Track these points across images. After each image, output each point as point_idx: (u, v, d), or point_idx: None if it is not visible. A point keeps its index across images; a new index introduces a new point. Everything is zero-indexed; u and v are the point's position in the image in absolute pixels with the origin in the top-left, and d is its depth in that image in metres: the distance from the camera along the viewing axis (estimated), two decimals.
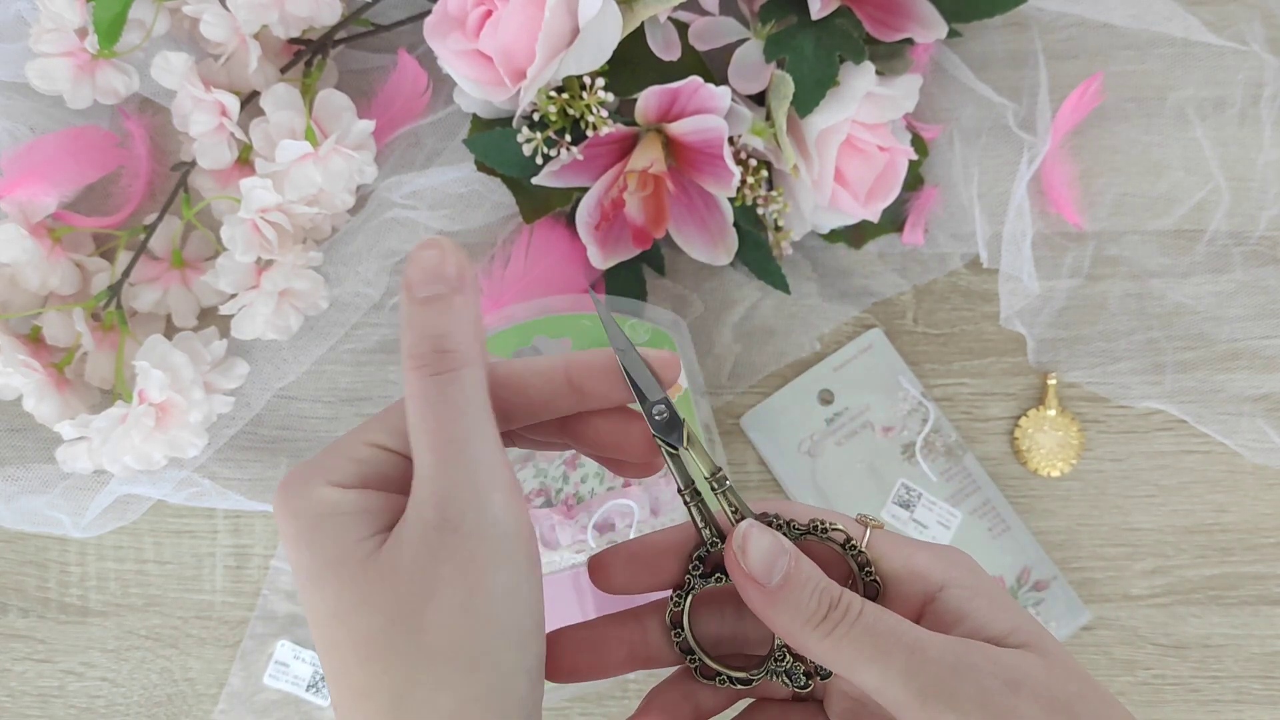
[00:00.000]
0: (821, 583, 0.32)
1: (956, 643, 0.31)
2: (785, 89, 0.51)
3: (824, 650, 0.31)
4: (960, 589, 0.33)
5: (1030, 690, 0.30)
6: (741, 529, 0.33)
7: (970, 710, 0.30)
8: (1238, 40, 0.59)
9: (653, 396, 0.34)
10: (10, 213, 0.52)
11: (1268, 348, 0.57)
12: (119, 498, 0.54)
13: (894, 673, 0.30)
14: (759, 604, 0.32)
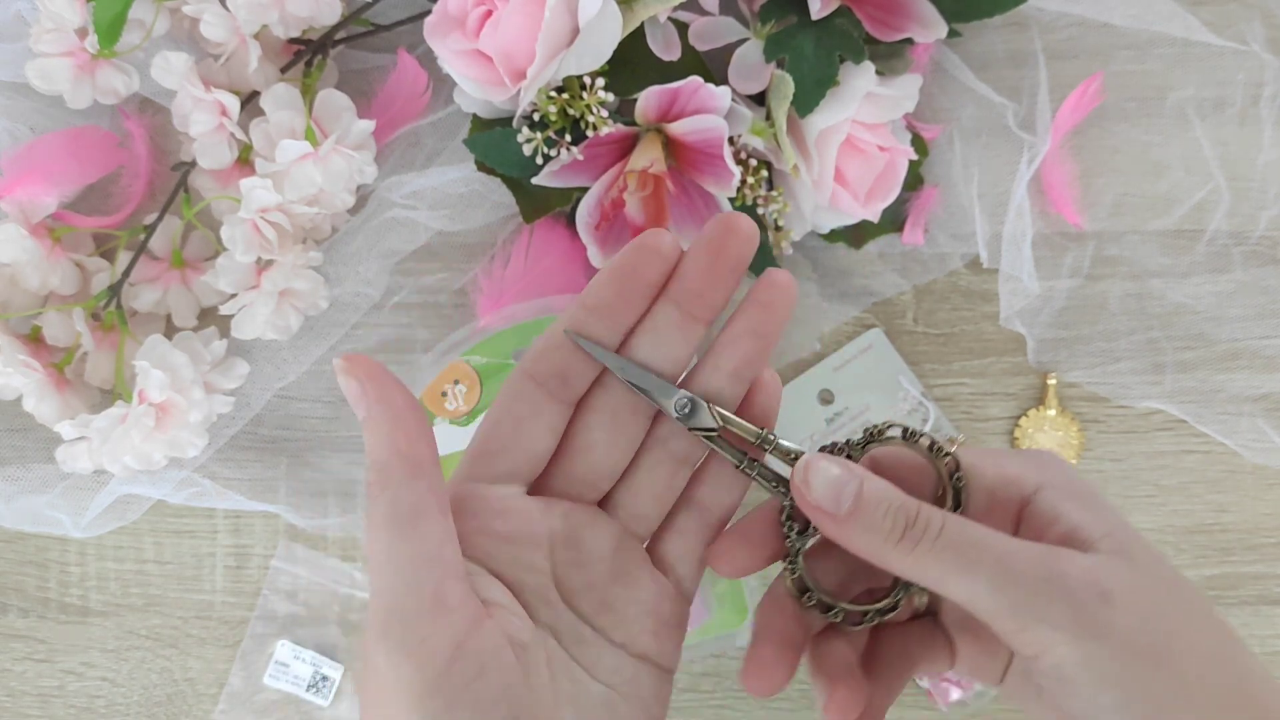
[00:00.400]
0: (895, 501, 0.31)
1: (1046, 552, 0.30)
2: (785, 89, 0.51)
3: (908, 566, 0.31)
4: (1055, 490, 0.32)
5: (1123, 601, 0.30)
6: (801, 463, 0.32)
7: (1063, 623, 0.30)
8: (1238, 40, 0.59)
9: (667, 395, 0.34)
10: (10, 213, 0.52)
11: (1268, 348, 0.57)
12: (119, 498, 0.54)
13: (982, 586, 0.30)
14: (834, 533, 0.32)
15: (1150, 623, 0.30)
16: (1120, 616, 0.30)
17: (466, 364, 0.54)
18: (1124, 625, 0.30)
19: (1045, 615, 0.30)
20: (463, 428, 0.54)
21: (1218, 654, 0.31)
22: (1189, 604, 0.31)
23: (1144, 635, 0.30)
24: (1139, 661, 0.30)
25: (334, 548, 0.56)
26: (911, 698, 0.55)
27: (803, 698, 0.55)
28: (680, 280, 0.34)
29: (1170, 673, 0.30)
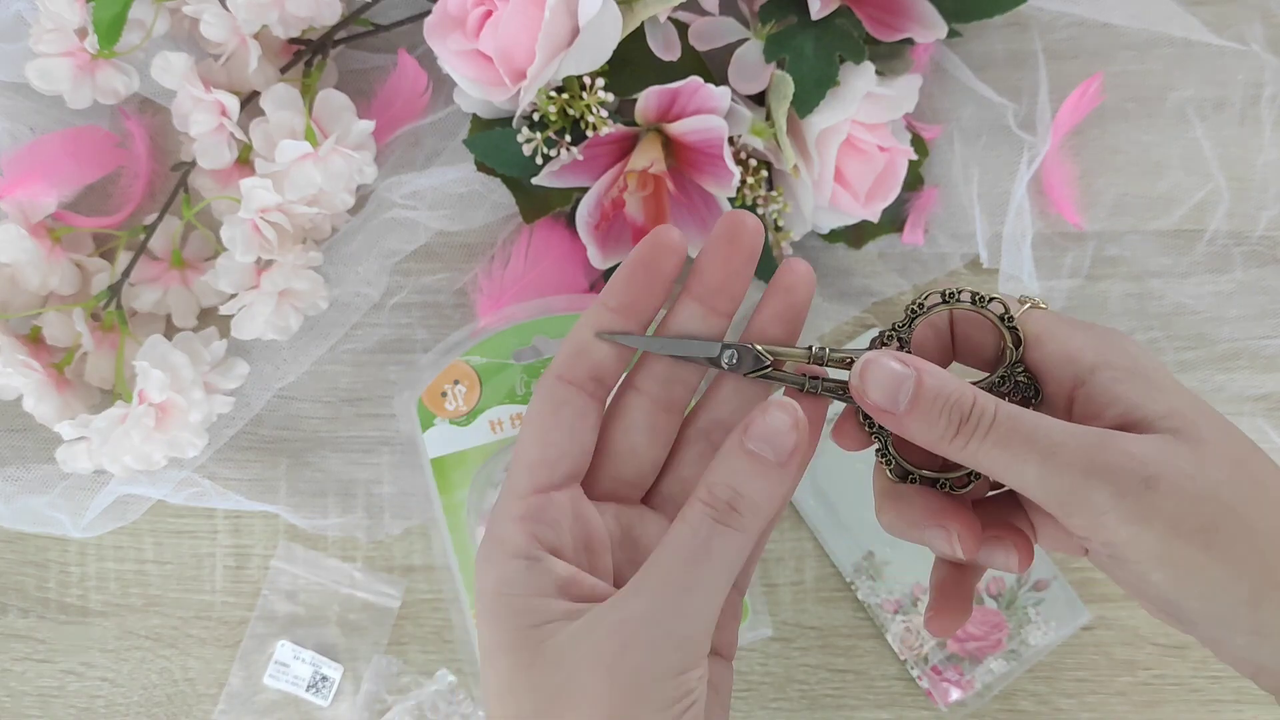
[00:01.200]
0: (951, 397, 0.32)
1: (1094, 440, 0.31)
2: (785, 89, 0.51)
3: (965, 458, 0.32)
4: (1113, 371, 0.33)
5: (1170, 483, 0.30)
6: (856, 367, 0.33)
7: (1109, 510, 0.30)
8: (1238, 40, 0.59)
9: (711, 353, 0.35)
10: (10, 213, 0.52)
11: (1268, 348, 0.57)
12: (119, 498, 0.54)
13: (1030, 477, 0.31)
14: (895, 427, 0.33)
15: (1201, 505, 0.30)
16: (1166, 501, 0.30)
17: (466, 364, 0.54)
18: (1170, 509, 0.30)
19: (1090, 502, 0.30)
20: (462, 428, 0.54)
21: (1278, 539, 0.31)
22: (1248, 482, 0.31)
23: (1193, 517, 0.30)
24: (1187, 543, 0.30)
25: (334, 548, 0.56)
26: (911, 698, 0.55)
27: (803, 698, 0.55)
28: (699, 276, 0.36)
29: (1223, 552, 0.30)
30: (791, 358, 0.36)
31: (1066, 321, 0.34)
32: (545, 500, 0.33)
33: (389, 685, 0.55)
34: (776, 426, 0.32)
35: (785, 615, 0.56)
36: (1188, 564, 0.31)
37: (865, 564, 0.55)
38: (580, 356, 0.34)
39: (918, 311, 0.36)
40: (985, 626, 0.54)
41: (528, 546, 0.32)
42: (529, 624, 0.31)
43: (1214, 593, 0.31)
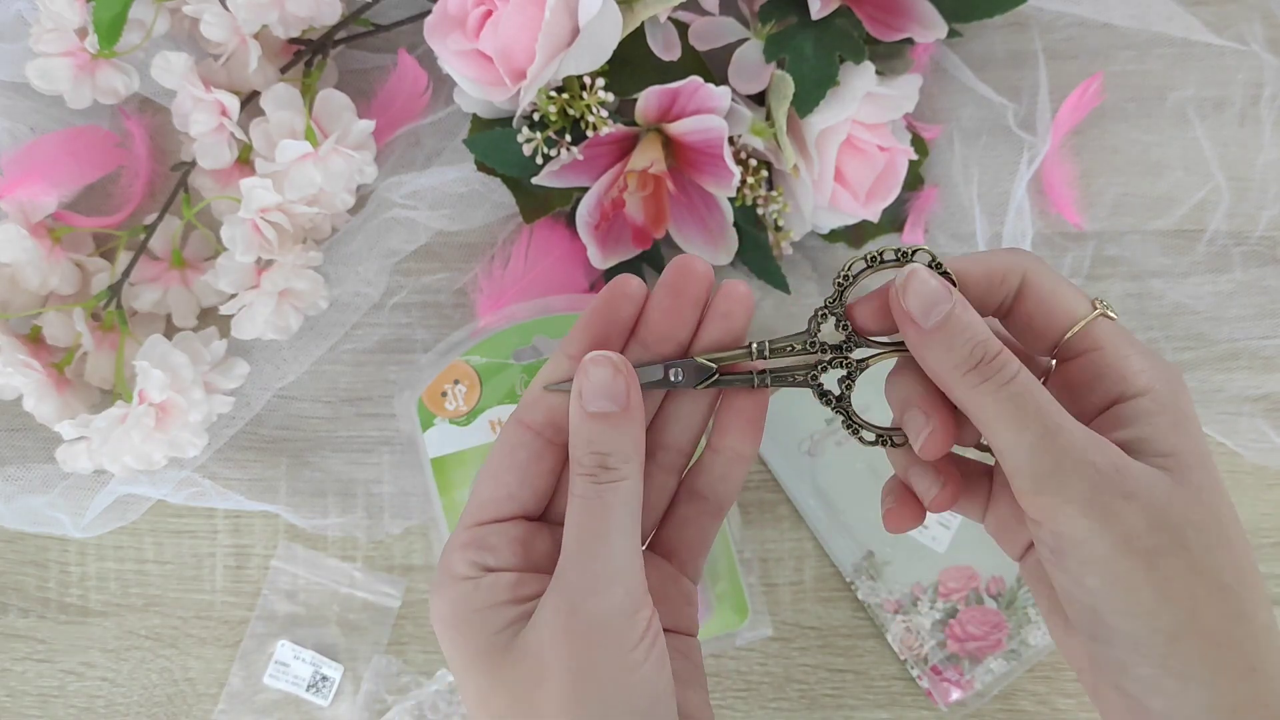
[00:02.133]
0: (980, 335, 0.33)
1: (1096, 440, 0.32)
2: (785, 89, 0.51)
3: (967, 399, 0.33)
4: (1151, 402, 0.33)
5: (1144, 502, 0.31)
6: (909, 268, 0.34)
7: (1077, 500, 0.31)
8: (1238, 40, 0.59)
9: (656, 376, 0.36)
10: (10, 213, 0.52)
11: (1267, 348, 0.57)
12: (119, 498, 0.54)
13: (1023, 443, 0.32)
14: (914, 341, 0.34)
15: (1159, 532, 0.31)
16: (1131, 515, 0.31)
17: (466, 364, 0.54)
18: (1131, 522, 0.31)
19: (1063, 486, 0.31)
20: (462, 428, 0.54)
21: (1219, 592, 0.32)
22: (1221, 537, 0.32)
23: (1148, 538, 0.31)
24: (1134, 559, 0.31)
25: (334, 548, 0.56)
26: (911, 698, 0.55)
27: (802, 698, 0.55)
28: (646, 323, 0.37)
29: (1163, 580, 0.31)
30: (734, 359, 0.36)
31: (1130, 339, 0.35)
32: (486, 530, 0.35)
33: (389, 685, 0.55)
34: (603, 379, 0.34)
35: (785, 615, 0.56)
36: (1126, 578, 0.31)
37: (865, 564, 0.55)
38: (539, 402, 0.36)
39: (845, 282, 0.36)
40: (985, 626, 0.54)
41: (469, 569, 0.34)
42: (489, 633, 0.33)
43: (1139, 613, 0.31)
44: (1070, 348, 0.35)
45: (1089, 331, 0.34)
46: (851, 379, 0.36)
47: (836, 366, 0.36)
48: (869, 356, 0.36)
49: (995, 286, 0.35)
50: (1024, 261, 0.35)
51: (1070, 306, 0.35)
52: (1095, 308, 0.35)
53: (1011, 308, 0.35)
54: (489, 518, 0.35)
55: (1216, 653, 0.31)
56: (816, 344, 0.36)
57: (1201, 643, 0.31)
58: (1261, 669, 0.32)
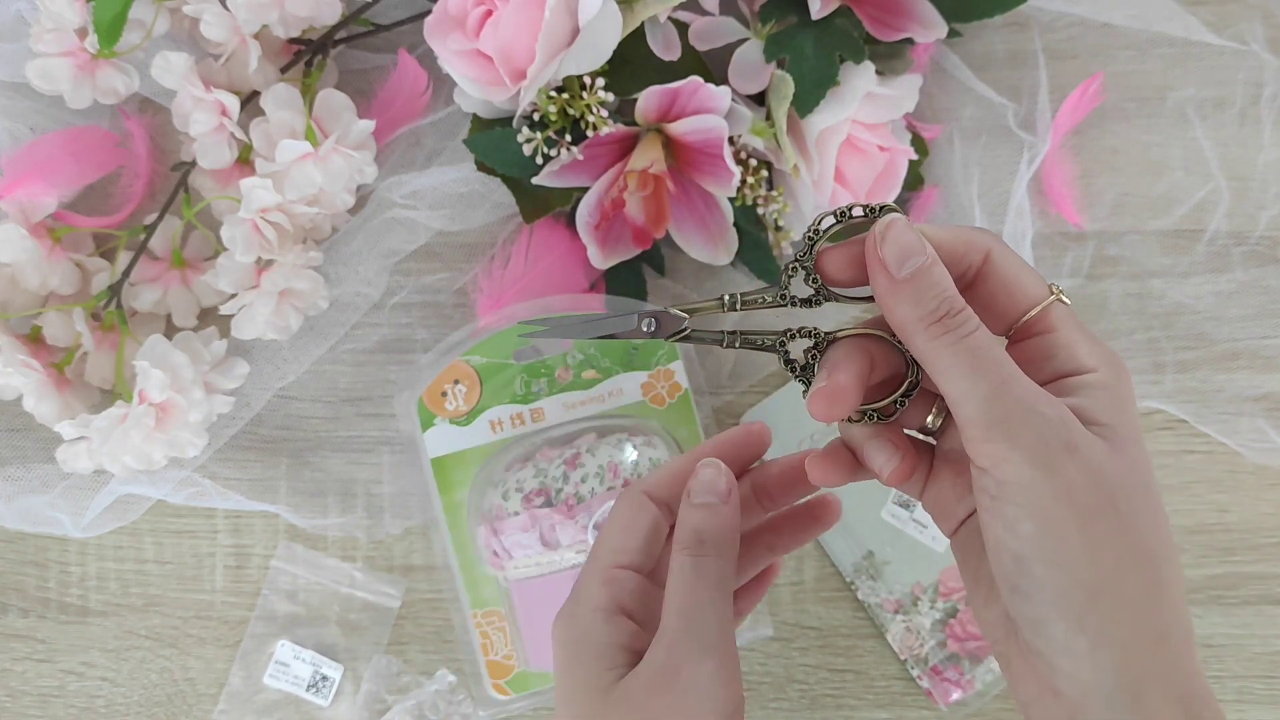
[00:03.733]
0: (948, 290, 0.34)
1: (1046, 395, 0.33)
2: (785, 89, 0.51)
3: (926, 349, 0.34)
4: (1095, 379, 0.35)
5: (1085, 458, 0.33)
6: (887, 219, 0.35)
7: (1024, 448, 0.32)
8: (1238, 40, 0.59)
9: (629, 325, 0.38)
10: (10, 213, 0.52)
11: (1268, 348, 0.57)
12: (119, 498, 0.54)
13: (978, 393, 0.33)
14: (883, 290, 0.35)
15: (1097, 491, 0.32)
16: (1073, 469, 0.32)
17: (466, 364, 0.54)
18: (1072, 476, 0.32)
19: (1013, 437, 0.32)
20: (462, 428, 0.54)
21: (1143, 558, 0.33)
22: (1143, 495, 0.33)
23: (1086, 495, 0.32)
24: (1070, 511, 0.32)
25: (334, 548, 0.56)
26: (911, 698, 0.55)
27: (802, 698, 0.55)
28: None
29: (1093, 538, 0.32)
30: (705, 310, 0.38)
31: (1081, 325, 0.36)
32: (622, 573, 0.40)
33: (389, 685, 0.55)
34: (708, 479, 0.40)
35: (785, 615, 0.56)
36: (1059, 529, 0.32)
37: (865, 564, 0.55)
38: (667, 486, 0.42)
39: (815, 236, 0.36)
40: None
41: (607, 603, 0.39)
42: (601, 669, 0.38)
43: (1066, 564, 0.32)
44: (1026, 328, 0.36)
45: (1045, 314, 0.36)
46: (819, 349, 0.37)
47: (805, 337, 0.37)
48: (838, 331, 0.37)
49: (959, 259, 0.36)
50: (989, 241, 0.36)
51: (1030, 289, 0.36)
52: (1052, 292, 0.36)
53: (974, 284, 0.36)
54: (624, 563, 0.40)
55: (1131, 616, 0.32)
56: (787, 297, 0.37)
57: (1118, 604, 0.32)
58: (1169, 639, 0.33)
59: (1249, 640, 0.56)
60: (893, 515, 0.55)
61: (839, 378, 0.36)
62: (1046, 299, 0.36)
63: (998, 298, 0.36)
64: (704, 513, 0.40)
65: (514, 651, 0.54)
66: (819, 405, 0.36)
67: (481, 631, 0.54)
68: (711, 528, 0.39)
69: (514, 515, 0.52)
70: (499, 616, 0.54)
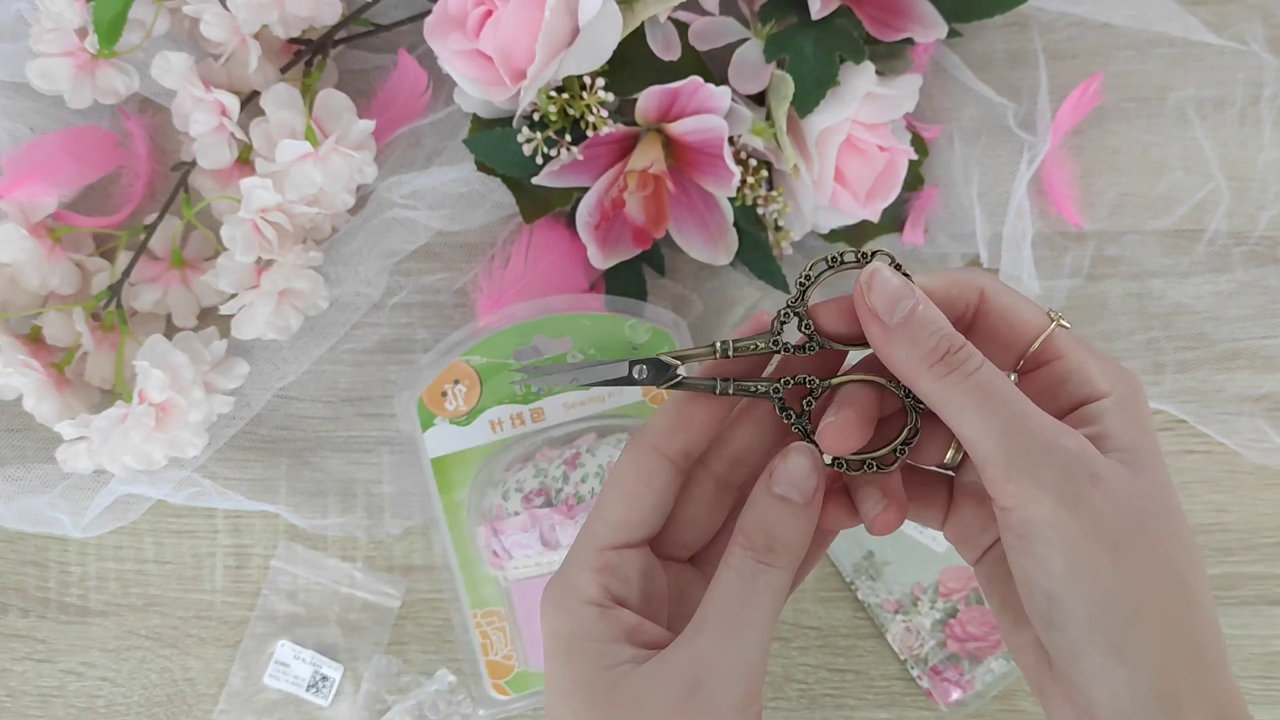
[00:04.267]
0: (944, 328, 0.33)
1: (1064, 427, 0.33)
2: (785, 89, 0.51)
3: (934, 391, 0.33)
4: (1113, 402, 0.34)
5: (1109, 487, 0.32)
6: (870, 267, 0.34)
7: (1049, 484, 0.32)
8: (1238, 40, 0.59)
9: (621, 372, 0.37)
10: (10, 213, 0.52)
11: (1268, 348, 0.57)
12: (119, 498, 0.54)
13: (993, 429, 0.32)
14: (879, 339, 0.34)
15: (1126, 519, 0.32)
16: (1100, 499, 0.32)
17: (466, 364, 0.54)
18: (1100, 507, 0.32)
19: (1035, 472, 0.32)
20: (462, 428, 0.54)
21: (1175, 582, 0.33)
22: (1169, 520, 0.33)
23: (1115, 524, 0.32)
24: (1100, 544, 0.32)
25: (334, 548, 0.56)
26: (911, 698, 0.55)
27: (802, 698, 0.55)
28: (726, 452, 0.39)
29: (1126, 566, 0.32)
30: (697, 357, 0.37)
31: (1088, 347, 0.36)
32: (620, 556, 0.36)
33: (389, 685, 0.55)
34: (799, 470, 0.35)
35: (785, 615, 0.56)
36: (1091, 562, 0.32)
37: (865, 564, 0.55)
38: (677, 432, 0.37)
39: (807, 282, 0.36)
40: (985, 626, 0.54)
41: (600, 596, 0.35)
42: (603, 666, 0.34)
43: (1100, 597, 0.32)
44: (1034, 359, 0.35)
45: (1051, 342, 0.35)
46: (814, 397, 0.37)
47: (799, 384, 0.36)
48: (835, 381, 0.37)
49: (953, 301, 0.35)
50: (981, 279, 0.36)
51: (1030, 319, 0.35)
52: (1052, 319, 0.36)
53: (973, 324, 0.36)
54: (622, 541, 0.36)
55: (1166, 638, 0.32)
56: (780, 344, 0.36)
57: (1153, 629, 0.32)
58: (1204, 657, 0.33)
59: (1247, 640, 0.56)
60: None
61: (848, 413, 0.35)
62: (1048, 327, 0.35)
63: (999, 332, 0.35)
64: (783, 510, 0.35)
65: (514, 651, 0.54)
66: (830, 438, 0.35)
67: (481, 631, 0.54)
68: (786, 533, 0.35)
69: (514, 515, 0.52)
70: (499, 616, 0.54)
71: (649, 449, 0.36)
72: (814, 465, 0.35)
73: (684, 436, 0.37)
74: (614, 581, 0.35)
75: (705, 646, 0.34)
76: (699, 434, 0.37)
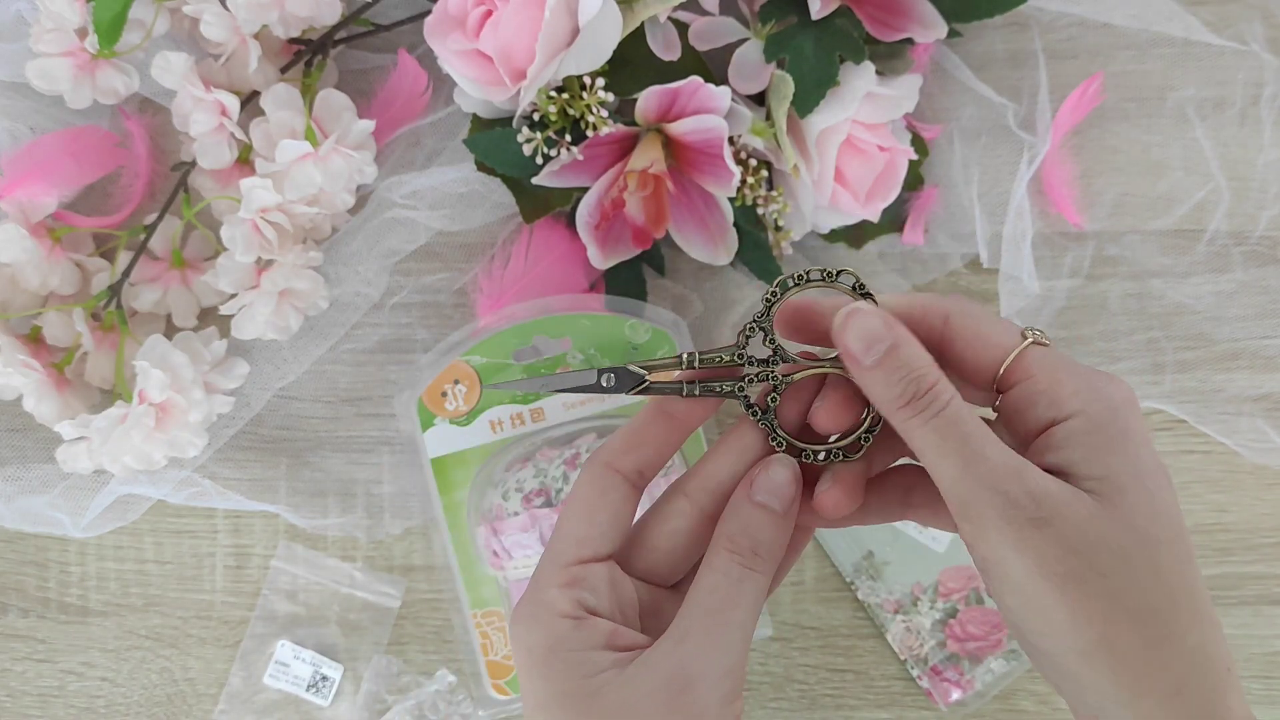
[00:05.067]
0: (916, 371, 0.34)
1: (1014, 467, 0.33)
2: (785, 89, 0.51)
3: (902, 429, 0.34)
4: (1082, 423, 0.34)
5: (1058, 530, 0.32)
6: (850, 307, 0.35)
7: (991, 528, 0.33)
8: (1238, 40, 0.59)
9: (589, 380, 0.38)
10: (10, 213, 0.52)
11: (1268, 348, 0.57)
12: (119, 498, 0.54)
13: (950, 469, 0.33)
14: (855, 374, 0.35)
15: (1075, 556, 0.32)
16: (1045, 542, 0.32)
17: (466, 364, 0.54)
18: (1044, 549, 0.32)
19: (980, 516, 0.33)
20: (462, 428, 0.54)
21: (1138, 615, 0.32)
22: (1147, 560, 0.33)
23: (1062, 563, 0.32)
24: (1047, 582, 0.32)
25: (334, 548, 0.56)
26: (911, 698, 0.55)
27: (802, 698, 0.55)
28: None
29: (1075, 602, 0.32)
30: (664, 367, 0.38)
31: (1065, 363, 0.35)
32: (586, 570, 0.36)
33: (389, 685, 0.55)
34: (780, 480, 0.36)
35: (785, 615, 0.56)
36: (1039, 600, 0.32)
37: (865, 564, 0.55)
38: (630, 451, 0.37)
39: (773, 299, 0.37)
40: (985, 626, 0.54)
41: (573, 608, 0.35)
42: (582, 675, 0.34)
43: (1053, 634, 0.33)
44: (1006, 379, 0.36)
45: (1021, 361, 0.35)
46: (777, 391, 0.37)
47: (763, 380, 0.37)
48: (794, 373, 0.38)
49: (916, 325, 0.36)
50: (945, 305, 0.36)
51: (999, 340, 0.36)
52: (1026, 337, 0.36)
53: (941, 350, 0.36)
54: (586, 556, 0.36)
55: (1132, 674, 0.32)
56: (745, 357, 0.37)
57: (1115, 663, 0.32)
58: (1187, 692, 0.32)
59: (1247, 640, 0.56)
60: None
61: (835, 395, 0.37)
62: (1019, 345, 0.35)
63: (966, 357, 0.36)
64: (765, 517, 0.36)
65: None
66: (822, 417, 0.37)
67: (481, 631, 0.54)
68: (768, 539, 0.36)
69: (514, 515, 0.52)
70: (499, 616, 0.54)
71: (603, 467, 0.37)
72: (793, 476, 0.36)
73: (636, 455, 0.38)
74: (585, 594, 0.36)
75: (692, 648, 0.34)
76: (653, 453, 0.38)
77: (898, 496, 0.39)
